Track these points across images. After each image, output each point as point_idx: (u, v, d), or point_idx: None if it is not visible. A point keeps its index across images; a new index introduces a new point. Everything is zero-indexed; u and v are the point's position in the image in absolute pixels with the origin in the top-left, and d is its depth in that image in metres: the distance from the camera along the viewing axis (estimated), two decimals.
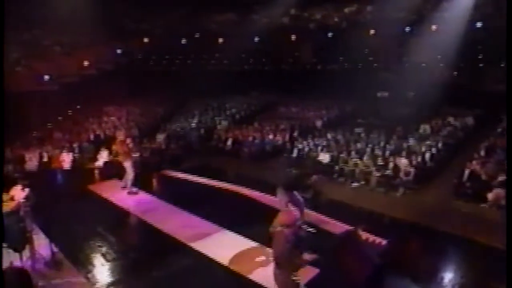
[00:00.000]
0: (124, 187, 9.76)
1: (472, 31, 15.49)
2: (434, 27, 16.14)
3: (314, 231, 3.26)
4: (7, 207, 4.77)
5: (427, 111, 16.13)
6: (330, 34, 19.31)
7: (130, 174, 9.47)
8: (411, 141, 13.00)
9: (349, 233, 5.08)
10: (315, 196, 9.87)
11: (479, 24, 14.95)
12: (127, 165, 9.42)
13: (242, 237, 6.93)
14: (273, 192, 7.30)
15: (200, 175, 11.71)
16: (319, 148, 12.74)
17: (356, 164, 11.28)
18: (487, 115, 15.51)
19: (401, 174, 10.36)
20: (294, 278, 3.70)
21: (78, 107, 20.50)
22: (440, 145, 12.56)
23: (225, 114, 19.45)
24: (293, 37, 20.42)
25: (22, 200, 5.07)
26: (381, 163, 10.90)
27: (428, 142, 12.67)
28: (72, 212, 8.29)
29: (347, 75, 18.86)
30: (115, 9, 17.81)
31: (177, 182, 11.41)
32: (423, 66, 18.73)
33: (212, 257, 6.16)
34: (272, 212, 7.46)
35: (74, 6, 15.59)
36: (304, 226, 3.02)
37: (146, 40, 20.40)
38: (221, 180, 11.15)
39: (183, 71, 22.87)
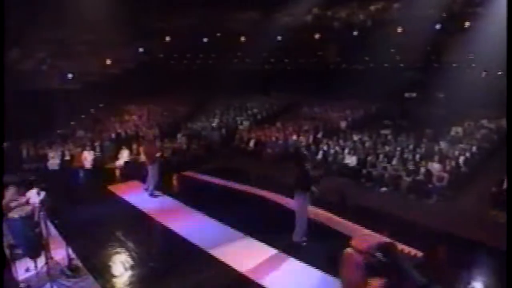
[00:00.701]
0: (146, 189, 9.52)
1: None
2: (467, 23, 15.27)
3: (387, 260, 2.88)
4: (22, 211, 4.55)
5: (459, 113, 15.33)
6: (355, 33, 18.64)
7: (155, 176, 9.18)
8: (443, 145, 12.34)
9: (387, 246, 4.55)
10: (342, 199, 9.45)
11: None
12: (153, 166, 9.12)
13: (266, 245, 6.57)
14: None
15: (222, 176, 11.43)
16: (345, 150, 12.22)
17: (385, 168, 10.73)
18: None
19: (434, 180, 9.76)
20: None
21: (101, 105, 20.63)
22: (474, 149, 11.86)
23: (247, 114, 19.13)
24: (317, 36, 19.86)
25: (37, 205, 4.84)
26: (412, 168, 10.30)
27: (461, 146, 11.99)
28: (91, 215, 8.09)
29: (373, 74, 18.20)
30: (138, 8, 17.79)
31: (199, 185, 11.15)
32: (454, 66, 17.87)
33: (234, 266, 5.83)
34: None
35: (98, 6, 15.65)
36: (378, 254, 2.64)
37: (168, 39, 20.31)
38: (244, 182, 10.84)
39: (204, 70, 22.73)
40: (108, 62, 18.32)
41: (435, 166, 10.24)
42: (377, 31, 17.68)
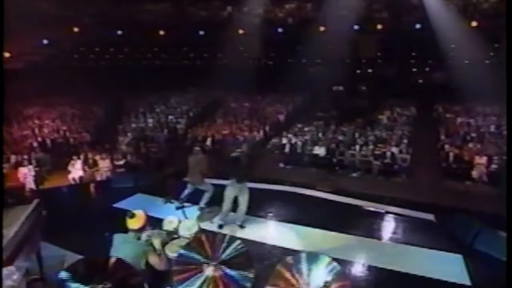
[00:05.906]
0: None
1: (411, 31, 17.56)
2: (379, 26, 17.73)
3: None
4: None
5: (377, 103, 17.75)
6: (280, 30, 19.54)
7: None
8: (382, 131, 14.21)
9: None
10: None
11: (418, 26, 16.97)
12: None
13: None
14: None
15: None
16: (308, 141, 12.95)
17: (353, 155, 11.82)
18: (423, 105, 17.80)
19: (399, 162, 11.26)
20: None
21: None
22: (407, 132, 14.00)
23: (177, 112, 18.16)
24: (241, 31, 20.02)
25: None
26: (378, 153, 11.62)
27: (397, 132, 14.01)
28: None
29: (293, 70, 19.42)
30: None
31: None
32: (363, 62, 20.52)
33: None
34: None
35: None
36: None
37: (76, 29, 17.67)
38: None
39: (115, 65, 20.60)
40: (7, 55, 14.96)
41: (394, 150, 11.80)
42: (300, 29, 18.82)
